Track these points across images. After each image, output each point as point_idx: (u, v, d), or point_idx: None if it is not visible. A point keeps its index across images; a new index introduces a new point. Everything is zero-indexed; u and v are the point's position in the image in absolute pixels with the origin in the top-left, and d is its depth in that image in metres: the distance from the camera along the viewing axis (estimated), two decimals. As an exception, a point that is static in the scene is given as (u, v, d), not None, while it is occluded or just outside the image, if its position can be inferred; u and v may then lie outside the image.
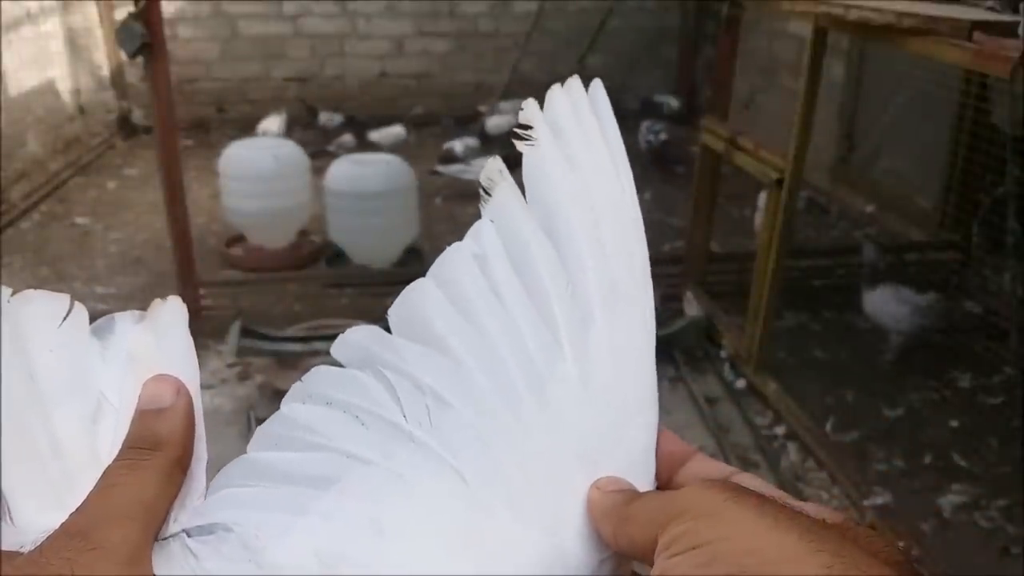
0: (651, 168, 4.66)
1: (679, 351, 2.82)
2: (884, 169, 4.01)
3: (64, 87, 5.11)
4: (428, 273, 0.36)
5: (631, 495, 0.33)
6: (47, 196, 4.40)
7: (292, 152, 3.57)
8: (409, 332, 0.35)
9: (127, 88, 5.65)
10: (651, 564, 0.30)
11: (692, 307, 2.93)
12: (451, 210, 4.25)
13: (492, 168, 0.38)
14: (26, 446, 0.32)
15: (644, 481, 0.35)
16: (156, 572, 0.30)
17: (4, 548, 0.30)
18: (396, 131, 5.18)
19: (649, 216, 0.41)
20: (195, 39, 5.70)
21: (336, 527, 0.32)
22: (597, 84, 0.40)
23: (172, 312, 0.36)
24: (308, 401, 0.34)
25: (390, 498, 0.32)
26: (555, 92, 0.40)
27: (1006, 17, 1.92)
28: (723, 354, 2.81)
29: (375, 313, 2.79)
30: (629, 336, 0.37)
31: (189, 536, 0.32)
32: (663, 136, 4.88)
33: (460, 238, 0.37)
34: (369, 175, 3.38)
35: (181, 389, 0.34)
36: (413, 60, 5.94)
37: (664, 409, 0.37)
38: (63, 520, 0.30)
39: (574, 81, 0.40)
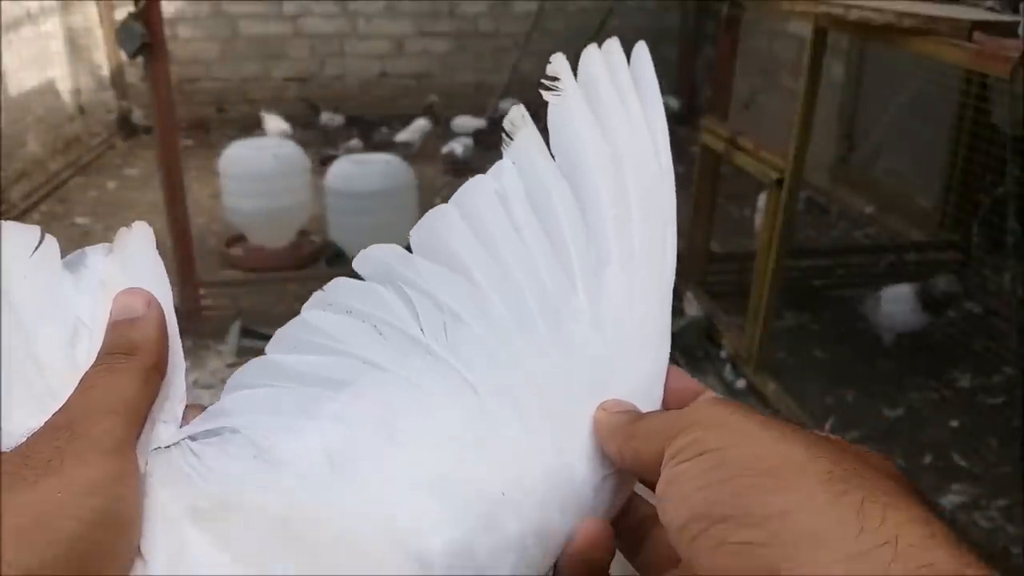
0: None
1: (679, 351, 2.82)
2: (884, 169, 4.01)
3: (64, 87, 5.11)
4: (451, 200, 0.38)
5: (636, 415, 0.34)
6: (47, 196, 4.40)
7: (292, 152, 3.57)
8: (430, 254, 0.37)
9: (127, 88, 5.65)
10: (655, 478, 0.30)
11: (692, 307, 2.93)
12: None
13: (515, 114, 0.39)
14: (9, 362, 0.33)
15: (650, 409, 0.36)
16: (152, 480, 0.31)
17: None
18: (421, 124, 5.12)
19: None
20: (195, 39, 5.70)
21: (348, 429, 0.32)
22: (641, 46, 0.42)
23: (139, 237, 0.37)
24: (328, 309, 0.36)
25: (403, 404, 0.33)
26: (591, 49, 0.41)
27: (1006, 17, 1.92)
28: (723, 354, 2.81)
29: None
30: (644, 283, 0.37)
31: (193, 440, 0.32)
32: None
33: None
34: (369, 175, 3.38)
35: (152, 301, 0.35)
36: (413, 60, 5.94)
37: (664, 409, 0.38)
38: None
39: (613, 41, 0.41)
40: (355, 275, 0.39)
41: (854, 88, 4.09)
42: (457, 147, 4.76)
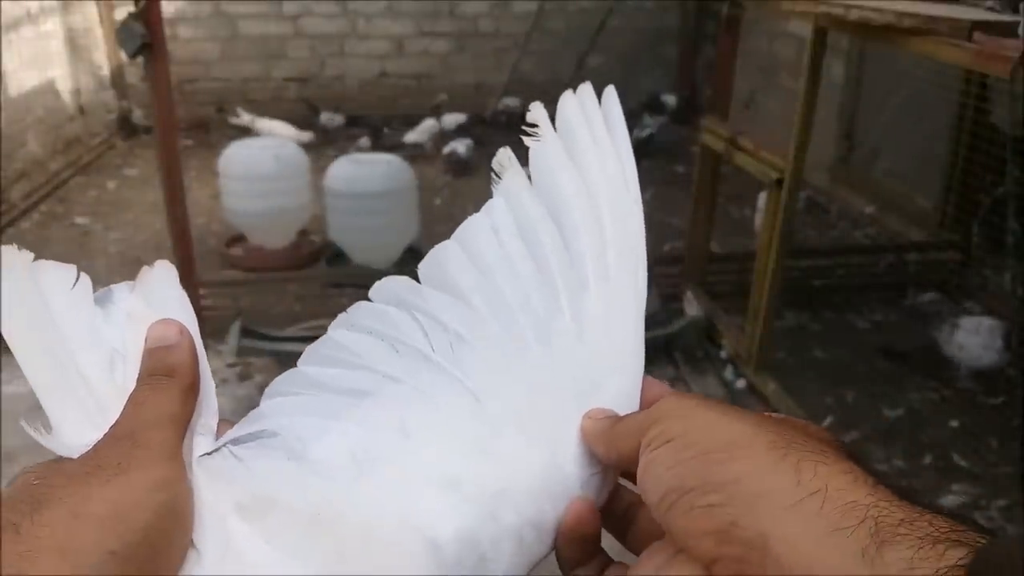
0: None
1: (679, 351, 2.82)
2: (884, 169, 4.01)
3: (64, 87, 5.11)
4: (452, 237, 0.45)
5: (617, 419, 0.39)
6: (47, 196, 4.40)
7: (292, 152, 3.56)
8: (436, 283, 0.43)
9: (127, 88, 5.65)
10: (635, 469, 0.36)
11: (692, 307, 2.93)
12: (451, 210, 4.25)
13: (503, 156, 0.45)
14: (62, 379, 0.37)
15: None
16: (199, 482, 0.36)
17: (61, 453, 0.36)
18: (430, 124, 5.14)
19: (649, 216, 0.43)
20: (195, 39, 5.70)
21: (369, 432, 0.38)
22: (610, 90, 0.46)
23: (161, 274, 0.42)
24: (352, 329, 0.41)
25: (417, 411, 0.38)
26: (566, 96, 0.46)
27: (1006, 17, 1.92)
28: (723, 354, 2.81)
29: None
30: (621, 303, 0.42)
31: (235, 444, 0.37)
32: (649, 130, 4.96)
33: None
34: (369, 175, 3.38)
35: (184, 330, 0.39)
36: (413, 60, 5.94)
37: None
38: (103, 434, 0.35)
39: (586, 87, 0.46)
40: (355, 275, 0.42)
41: (854, 88, 4.09)
42: (460, 147, 4.76)
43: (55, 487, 0.32)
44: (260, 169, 3.42)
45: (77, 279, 0.41)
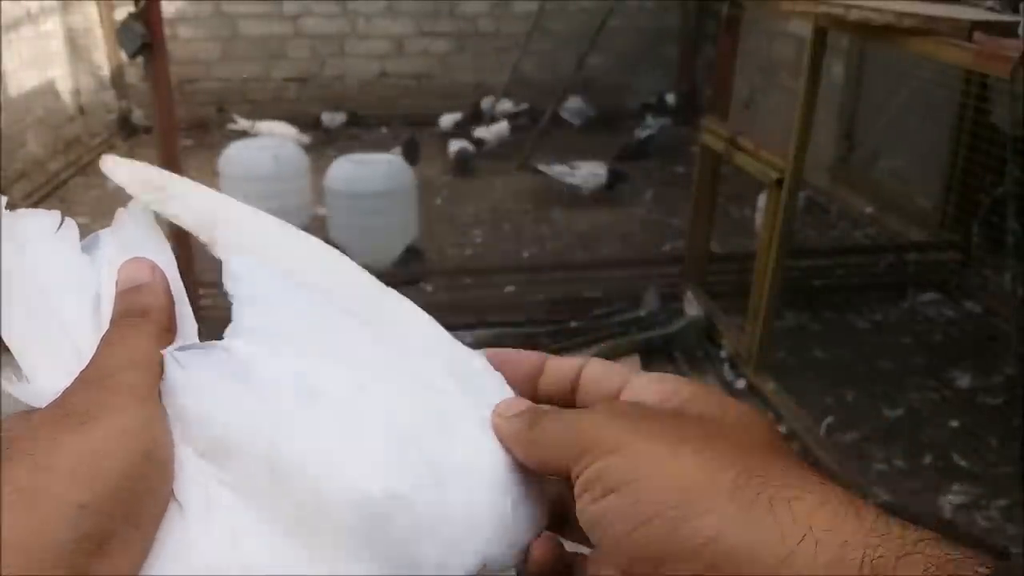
0: (630, 160, 4.71)
1: (679, 351, 2.82)
2: (884, 169, 4.01)
3: (64, 87, 5.11)
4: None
5: (532, 417, 0.35)
6: (47, 196, 4.40)
7: (292, 152, 3.57)
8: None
9: (127, 88, 5.64)
10: (565, 478, 0.33)
11: (692, 307, 2.93)
12: (451, 210, 4.25)
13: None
14: (38, 326, 0.36)
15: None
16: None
17: (26, 405, 0.34)
18: (503, 127, 5.00)
19: (649, 216, 0.42)
20: (195, 39, 5.70)
21: (316, 360, 0.35)
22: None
23: (135, 213, 0.40)
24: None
25: (379, 359, 0.37)
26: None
27: (1006, 17, 1.92)
28: (723, 354, 2.81)
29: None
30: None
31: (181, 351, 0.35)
32: (650, 131, 4.96)
33: (460, 239, 0.40)
34: (369, 175, 3.38)
35: (155, 268, 0.37)
36: (413, 60, 5.94)
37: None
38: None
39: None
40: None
41: (854, 88, 4.09)
42: (468, 147, 4.76)
43: (20, 439, 0.29)
44: (260, 169, 3.42)
45: (61, 223, 0.40)
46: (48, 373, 0.34)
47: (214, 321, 0.42)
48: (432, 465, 0.33)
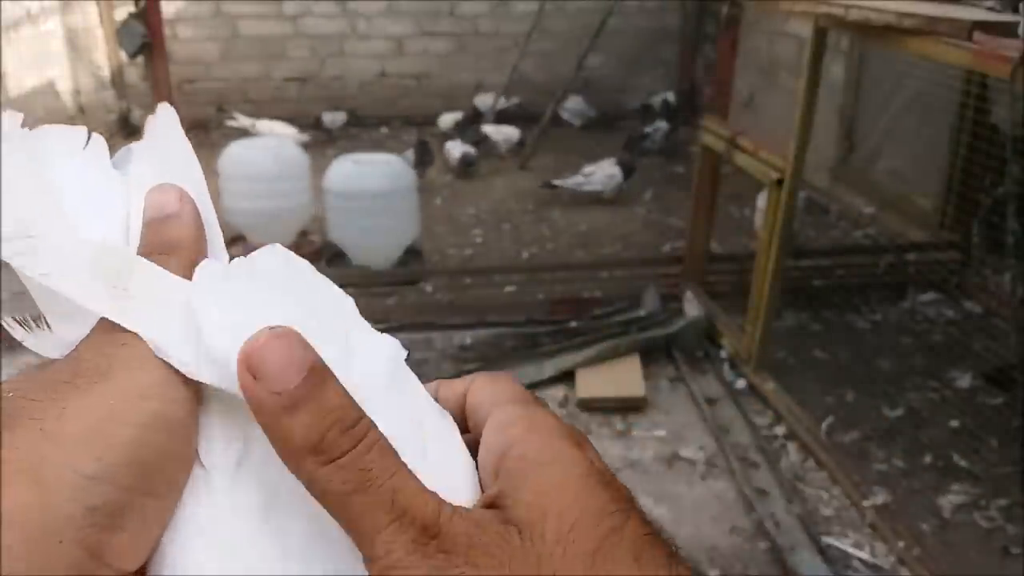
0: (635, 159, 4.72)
1: (679, 351, 2.82)
2: (884, 169, 4.01)
3: (64, 87, 5.11)
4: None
5: (323, 429, 0.27)
6: (47, 196, 4.40)
7: (292, 152, 3.57)
8: None
9: (127, 88, 5.65)
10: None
11: (692, 307, 2.93)
12: (451, 210, 4.25)
13: None
14: (59, 263, 0.31)
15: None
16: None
17: (46, 355, 0.30)
18: (613, 172, 4.58)
19: (649, 216, 0.41)
20: (195, 39, 5.70)
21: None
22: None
23: (164, 120, 0.36)
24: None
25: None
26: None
27: (1006, 17, 1.92)
28: (723, 354, 2.81)
29: (375, 313, 2.79)
30: None
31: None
32: (648, 130, 5.02)
33: (460, 239, 0.37)
34: (369, 175, 3.38)
35: (183, 195, 0.34)
36: (413, 60, 5.94)
37: (664, 409, 0.37)
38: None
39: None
40: (355, 275, 0.39)
41: (854, 88, 4.09)
42: (471, 151, 4.75)
43: (28, 401, 0.26)
44: (260, 169, 3.42)
45: (88, 140, 0.36)
46: (69, 319, 0.30)
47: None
48: None
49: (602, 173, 4.23)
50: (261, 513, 0.28)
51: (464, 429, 0.33)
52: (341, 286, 0.37)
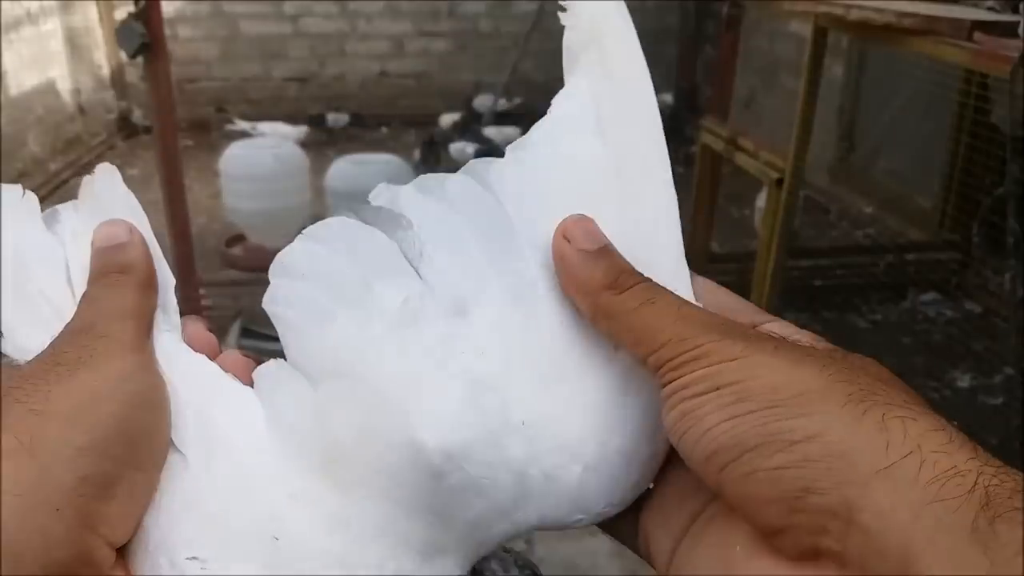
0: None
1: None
2: (884, 169, 4.01)
3: (64, 87, 5.11)
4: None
5: (613, 272, 0.32)
6: (47, 196, 4.40)
7: (292, 152, 3.57)
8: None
9: (127, 88, 5.65)
10: (637, 358, 0.31)
11: (692, 307, 2.93)
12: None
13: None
14: (14, 286, 0.35)
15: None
16: (176, 376, 0.33)
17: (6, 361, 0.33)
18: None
19: None
20: (195, 39, 5.70)
21: (429, 291, 0.33)
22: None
23: (103, 180, 0.40)
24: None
25: (479, 300, 0.33)
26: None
27: (1006, 17, 1.92)
28: (723, 354, 2.81)
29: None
30: None
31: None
32: None
33: None
34: (369, 175, 3.38)
35: (132, 228, 0.36)
36: (413, 60, 5.94)
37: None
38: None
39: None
40: None
41: (854, 88, 4.09)
42: (468, 148, 4.74)
43: (12, 389, 0.29)
44: (260, 169, 3.42)
45: (23, 195, 0.40)
46: (27, 332, 0.34)
47: (214, 321, 0.41)
48: (504, 419, 0.30)
49: None
50: (242, 490, 0.30)
51: None
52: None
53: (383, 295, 0.32)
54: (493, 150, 4.93)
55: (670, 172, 0.36)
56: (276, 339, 0.36)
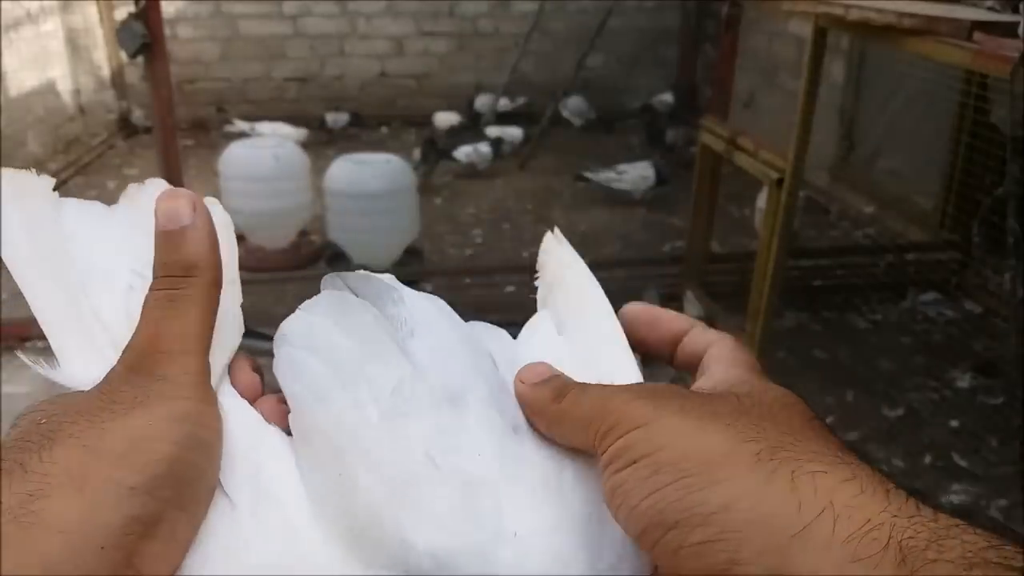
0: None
1: (679, 351, 2.82)
2: (884, 169, 4.01)
3: (64, 87, 5.11)
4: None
5: (557, 389, 0.34)
6: (47, 196, 4.39)
7: (292, 152, 3.57)
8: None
9: (127, 88, 5.65)
10: (589, 451, 0.32)
11: (692, 307, 2.93)
12: (451, 210, 4.25)
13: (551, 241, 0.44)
14: (72, 311, 0.34)
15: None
16: (232, 415, 0.33)
17: (59, 382, 0.33)
18: (644, 168, 4.46)
19: (649, 216, 0.43)
20: (195, 39, 5.70)
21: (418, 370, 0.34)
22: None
23: (152, 191, 0.38)
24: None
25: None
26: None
27: (1006, 17, 1.92)
28: (723, 354, 2.81)
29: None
30: None
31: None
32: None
33: (460, 239, 0.39)
34: (369, 175, 3.38)
35: (197, 203, 0.34)
36: (413, 60, 5.94)
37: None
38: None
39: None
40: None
41: (854, 88, 4.09)
42: (472, 151, 4.74)
43: (65, 423, 0.29)
44: (260, 169, 3.42)
45: (40, 179, 0.39)
46: (83, 359, 0.33)
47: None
48: (496, 529, 0.30)
49: (635, 173, 4.21)
50: (282, 542, 0.30)
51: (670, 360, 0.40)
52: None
53: (376, 378, 0.33)
54: (500, 147, 4.93)
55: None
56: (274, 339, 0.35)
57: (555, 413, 0.33)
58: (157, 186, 0.39)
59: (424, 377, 0.33)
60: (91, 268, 0.35)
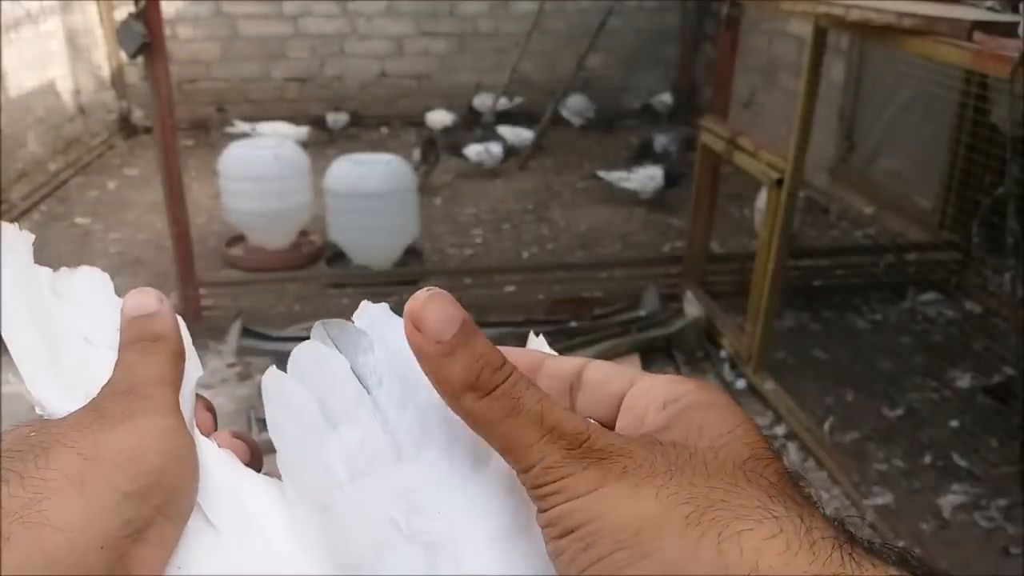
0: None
1: (679, 351, 2.82)
2: (884, 169, 4.01)
3: (64, 87, 5.11)
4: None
5: (478, 370, 0.30)
6: (47, 196, 4.40)
7: (292, 152, 3.57)
8: None
9: (127, 88, 5.65)
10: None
11: (692, 307, 2.93)
12: (451, 210, 4.25)
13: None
14: (50, 358, 0.36)
15: None
16: (207, 452, 0.35)
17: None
18: (653, 173, 4.37)
19: (649, 216, 0.42)
20: (195, 39, 5.70)
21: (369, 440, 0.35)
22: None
23: (88, 276, 0.39)
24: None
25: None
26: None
27: (1006, 17, 1.92)
28: (723, 354, 2.81)
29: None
30: None
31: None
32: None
33: (459, 239, 0.38)
34: (369, 175, 3.38)
35: (163, 298, 0.37)
36: (413, 60, 5.94)
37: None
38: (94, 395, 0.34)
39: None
40: (355, 275, 0.39)
41: (854, 88, 4.09)
42: (493, 151, 4.72)
43: (59, 434, 0.31)
44: (260, 169, 3.42)
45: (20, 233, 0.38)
46: (59, 398, 0.35)
47: (214, 321, 0.41)
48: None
49: (644, 174, 4.22)
50: (266, 565, 0.33)
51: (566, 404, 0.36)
52: (341, 286, 0.39)
53: (344, 436, 0.35)
54: (511, 148, 4.91)
55: None
56: (275, 339, 0.36)
57: (474, 412, 0.31)
58: (88, 274, 0.40)
59: (388, 429, 0.35)
60: (58, 326, 0.37)
